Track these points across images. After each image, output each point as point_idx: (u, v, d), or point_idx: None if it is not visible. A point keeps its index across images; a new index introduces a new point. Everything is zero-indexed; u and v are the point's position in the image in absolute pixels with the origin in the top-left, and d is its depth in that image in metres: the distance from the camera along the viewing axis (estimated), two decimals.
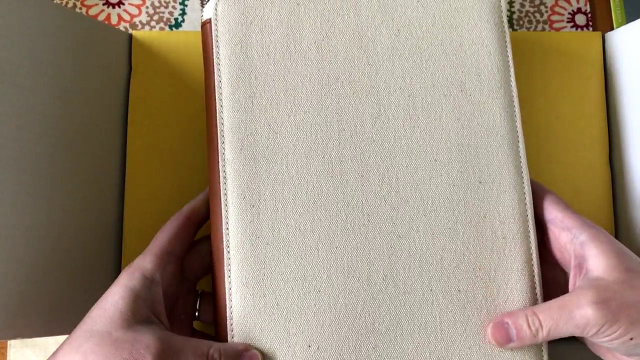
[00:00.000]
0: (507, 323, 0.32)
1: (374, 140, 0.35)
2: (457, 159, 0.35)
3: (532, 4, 0.51)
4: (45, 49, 0.36)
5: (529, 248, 0.34)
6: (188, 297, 0.37)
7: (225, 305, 0.33)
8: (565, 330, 0.30)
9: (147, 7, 0.52)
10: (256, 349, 0.32)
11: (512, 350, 0.33)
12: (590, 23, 0.51)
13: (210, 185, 0.35)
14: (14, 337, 0.34)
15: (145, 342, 0.29)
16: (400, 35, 0.36)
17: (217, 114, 0.35)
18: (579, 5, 0.51)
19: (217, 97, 0.35)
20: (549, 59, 0.44)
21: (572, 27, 0.51)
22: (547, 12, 0.51)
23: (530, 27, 0.51)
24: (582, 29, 0.51)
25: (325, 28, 0.36)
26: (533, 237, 0.35)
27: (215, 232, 0.34)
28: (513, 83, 0.36)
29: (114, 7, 0.52)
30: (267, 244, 0.33)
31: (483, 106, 0.36)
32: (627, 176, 0.41)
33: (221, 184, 0.34)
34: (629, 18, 0.50)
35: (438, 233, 0.34)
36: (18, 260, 0.33)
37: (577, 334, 0.30)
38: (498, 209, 0.34)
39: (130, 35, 0.45)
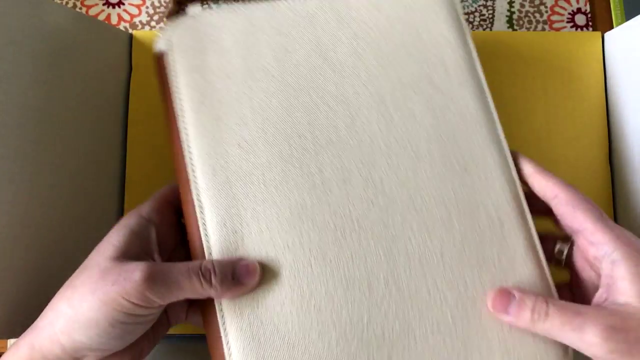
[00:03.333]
0: (514, 296, 0.30)
1: (351, 145, 0.34)
2: (437, 151, 0.34)
3: (532, 4, 0.51)
4: (45, 49, 0.36)
5: (529, 230, 0.33)
6: (184, 247, 0.36)
7: (221, 339, 0.31)
8: (568, 338, 0.28)
9: (147, 7, 0.52)
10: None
11: (535, 341, 0.31)
12: (590, 23, 0.51)
13: (185, 217, 0.33)
14: (14, 336, 0.34)
15: (133, 267, 0.29)
16: (359, 39, 0.36)
17: (184, 143, 0.34)
18: (579, 5, 0.51)
19: (180, 127, 0.34)
20: (549, 59, 0.44)
21: (572, 27, 0.51)
22: (547, 12, 0.51)
23: (530, 27, 0.51)
24: (582, 29, 0.51)
25: (283, 42, 0.36)
26: (530, 219, 0.33)
27: None
28: (479, 70, 0.36)
29: (114, 7, 0.52)
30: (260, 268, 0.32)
31: (454, 96, 0.35)
32: (627, 176, 0.41)
33: (198, 214, 0.32)
34: (629, 18, 0.50)
35: (433, 228, 0.33)
36: (17, 259, 0.33)
37: (578, 347, 0.28)
38: (489, 194, 0.33)
39: (131, 35, 0.45)
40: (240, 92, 0.34)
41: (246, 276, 0.31)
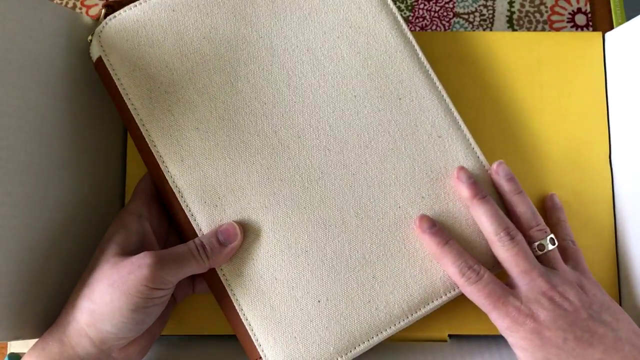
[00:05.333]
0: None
1: (295, 102, 0.37)
2: (372, 86, 0.37)
3: (532, 4, 0.51)
4: (45, 49, 0.36)
5: (463, 134, 0.38)
6: (175, 232, 0.39)
7: (231, 300, 0.35)
8: None
9: None
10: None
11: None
12: (590, 23, 0.51)
13: (167, 204, 0.36)
14: (14, 338, 0.34)
15: (142, 256, 0.32)
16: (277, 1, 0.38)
17: (147, 139, 0.36)
18: (579, 5, 0.51)
19: (139, 124, 0.36)
20: (549, 59, 0.44)
21: (572, 27, 0.51)
22: (547, 12, 0.51)
23: (530, 27, 0.51)
24: (582, 29, 0.51)
25: (207, 20, 0.37)
26: (461, 121, 0.38)
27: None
28: (390, 2, 0.39)
29: None
30: (245, 231, 0.35)
31: (373, 33, 0.38)
32: (627, 176, 0.41)
33: (179, 199, 0.35)
34: (629, 18, 0.50)
35: (384, 156, 0.37)
36: (18, 261, 0.33)
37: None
38: (424, 114, 0.37)
39: None
40: (181, 78, 0.36)
41: (229, 237, 0.34)
